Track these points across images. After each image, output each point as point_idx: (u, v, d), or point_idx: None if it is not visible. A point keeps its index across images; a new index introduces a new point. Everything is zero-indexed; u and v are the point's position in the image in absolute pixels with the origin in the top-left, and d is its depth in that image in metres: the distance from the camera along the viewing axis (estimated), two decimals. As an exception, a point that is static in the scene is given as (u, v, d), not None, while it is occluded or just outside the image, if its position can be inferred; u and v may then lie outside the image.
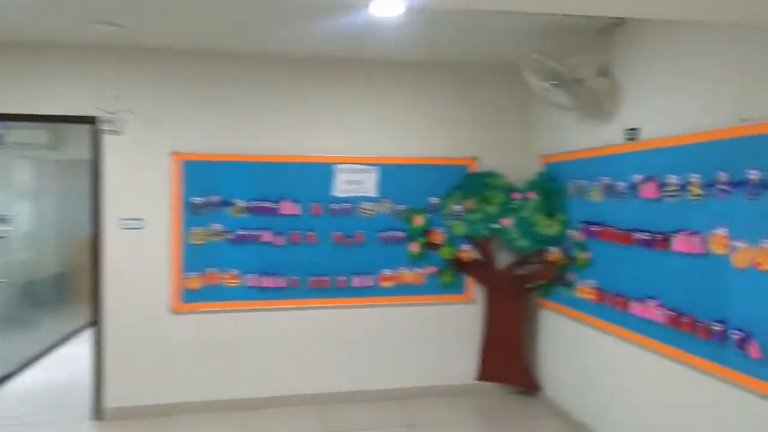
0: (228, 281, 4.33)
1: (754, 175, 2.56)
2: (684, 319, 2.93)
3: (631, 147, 3.44)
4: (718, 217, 2.75)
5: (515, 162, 4.81)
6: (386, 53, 4.36)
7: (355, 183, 4.49)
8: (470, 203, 4.62)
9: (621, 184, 3.51)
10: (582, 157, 3.97)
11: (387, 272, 4.58)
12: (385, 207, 4.56)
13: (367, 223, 4.53)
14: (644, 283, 3.29)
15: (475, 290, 4.77)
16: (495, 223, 4.57)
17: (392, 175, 4.57)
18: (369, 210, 4.54)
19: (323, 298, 4.48)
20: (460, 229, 4.63)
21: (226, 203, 4.31)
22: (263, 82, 4.38)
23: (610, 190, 3.63)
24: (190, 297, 4.29)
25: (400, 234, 4.57)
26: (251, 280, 4.36)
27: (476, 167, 4.72)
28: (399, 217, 4.60)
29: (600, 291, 3.71)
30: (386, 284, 4.59)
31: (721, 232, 2.74)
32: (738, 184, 2.64)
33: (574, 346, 4.12)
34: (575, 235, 4.06)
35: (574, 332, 4.11)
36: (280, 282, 4.40)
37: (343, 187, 4.47)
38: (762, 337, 2.50)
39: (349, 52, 4.30)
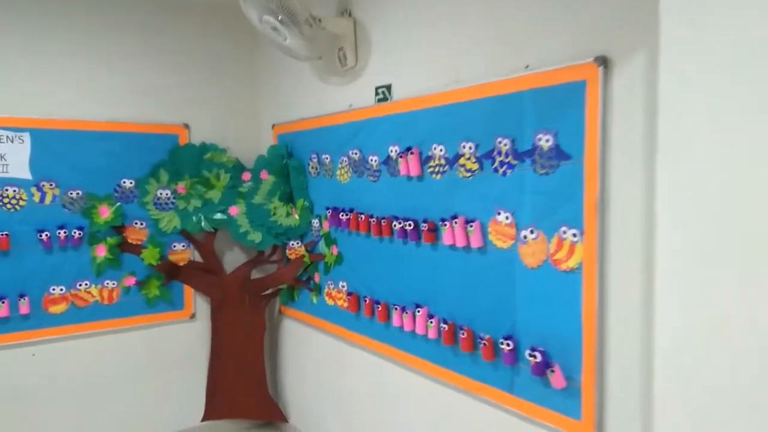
0: None
1: (546, 140, 1.88)
2: (462, 335, 2.20)
3: (383, 110, 2.61)
4: (499, 199, 2.05)
5: (243, 132, 3.71)
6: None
7: (-9, 158, 2.90)
8: (183, 186, 3.39)
9: (373, 159, 2.67)
10: (324, 126, 3.05)
11: (56, 291, 3.10)
12: (47, 194, 3.06)
13: (15, 220, 2.97)
14: (409, 287, 2.50)
15: (196, 303, 3.56)
16: (219, 212, 3.42)
17: (57, 147, 3.07)
18: (17, 199, 2.98)
19: (-61, 341, 2.81)
20: (170, 222, 3.37)
21: None
22: None
23: (360, 167, 2.77)
24: None
25: (75, 233, 3.11)
26: None
27: (188, 138, 3.49)
28: (71, 209, 3.13)
29: (354, 296, 2.85)
30: (56, 309, 3.10)
31: (503, 218, 2.03)
32: (525, 153, 1.95)
33: (325, 365, 3.23)
34: (321, 225, 3.14)
35: (324, 348, 3.21)
36: None
37: (-33, 164, 2.84)
38: (565, 360, 1.85)
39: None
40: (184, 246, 3.46)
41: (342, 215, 2.89)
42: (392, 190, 2.57)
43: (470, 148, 2.16)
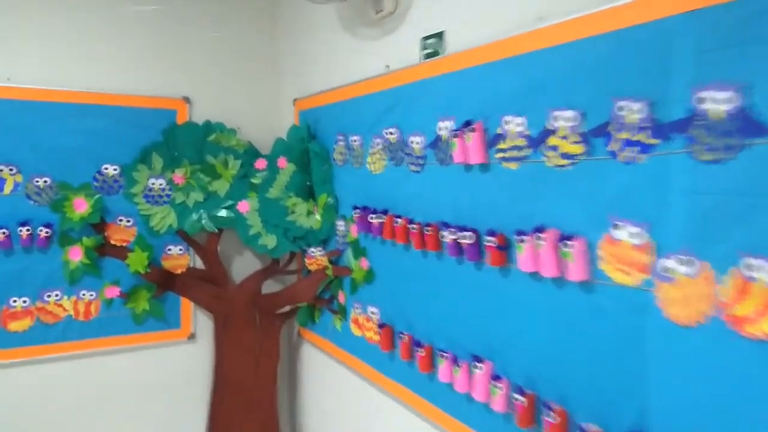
0: None
1: (720, 101, 1.05)
2: (551, 418, 1.39)
3: (431, 69, 1.82)
4: (621, 203, 1.23)
5: (257, 109, 3.00)
6: None
7: (-69, 134, 2.28)
8: (181, 175, 2.70)
9: (416, 140, 1.89)
10: (353, 97, 2.29)
11: (18, 303, 2.47)
12: (6, 181, 2.43)
13: (-36, 214, 2.36)
14: (464, 327, 1.72)
15: (196, 320, 2.88)
16: (225, 208, 2.72)
17: (18, 122, 2.43)
18: (-32, 188, 2.37)
19: None
20: (164, 219, 2.69)
21: None
22: None
23: (397, 152, 2.00)
24: None
25: (42, 232, 2.47)
26: None
27: (188, 115, 2.80)
28: (37, 201, 2.49)
29: (387, 330, 2.08)
30: (17, 325, 2.47)
31: (628, 235, 1.22)
32: (674, 126, 1.13)
33: (351, 410, 2.48)
34: (347, 229, 2.39)
35: (351, 388, 2.46)
36: None
37: None
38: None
39: None
40: (181, 250, 2.78)
41: (373, 218, 2.12)
42: (442, 185, 1.78)
43: (569, 119, 1.35)
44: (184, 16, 2.77)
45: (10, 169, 2.42)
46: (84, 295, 2.60)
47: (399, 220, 1.98)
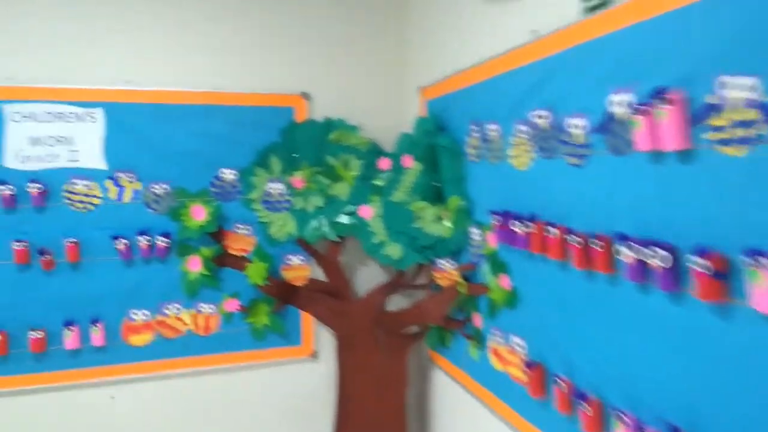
0: None
1: None
2: None
3: (596, 26, 1.35)
4: None
5: (381, 102, 2.68)
6: None
7: (55, 142, 2.24)
8: (300, 178, 2.46)
9: (576, 123, 1.42)
10: (490, 76, 1.87)
11: (139, 316, 2.37)
12: (125, 189, 2.34)
13: (86, 223, 2.29)
14: (657, 383, 1.22)
15: (318, 337, 2.64)
16: (347, 214, 2.44)
17: (137, 126, 2.33)
18: (89, 197, 2.30)
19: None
20: (283, 226, 2.46)
21: None
22: None
23: (549, 140, 1.54)
24: None
25: (161, 241, 2.36)
26: None
27: (307, 112, 2.55)
28: (156, 209, 2.38)
29: (538, 370, 1.63)
30: (138, 339, 2.38)
31: None
32: None
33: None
34: (484, 238, 1.97)
35: (488, 426, 2.03)
36: None
37: (26, 150, 2.21)
38: None
39: None
40: (301, 260, 2.54)
41: (517, 225, 1.68)
42: (616, 182, 1.30)
43: None
44: (300, 4, 2.53)
45: (129, 176, 2.33)
46: (203, 308, 2.46)
47: (552, 229, 1.52)
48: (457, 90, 2.13)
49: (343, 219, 2.44)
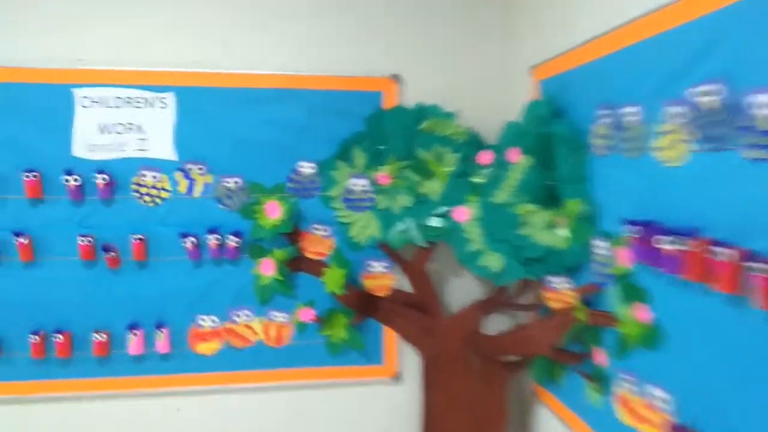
0: None
1: None
2: None
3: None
4: None
5: (482, 85, 2.29)
6: None
7: (124, 129, 2.07)
8: (387, 174, 2.13)
9: (765, 102, 0.98)
10: (627, 45, 1.43)
11: (207, 322, 2.16)
12: (196, 182, 2.13)
13: (154, 218, 2.10)
14: None
15: (403, 357, 2.30)
16: (438, 216, 2.08)
17: (210, 113, 2.11)
18: (157, 189, 2.11)
19: (61, 378, 2.09)
20: (365, 228, 2.15)
21: None
22: None
23: (718, 125, 1.10)
24: None
25: (232, 241, 2.12)
26: None
27: (397, 98, 2.22)
28: (227, 205, 2.16)
29: (685, 433, 1.20)
30: (206, 347, 2.17)
31: None
32: None
33: None
34: (613, 253, 1.54)
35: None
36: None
37: (94, 138, 2.05)
38: None
39: None
40: (385, 267, 2.22)
41: (665, 241, 1.24)
42: None
43: None
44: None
45: (200, 168, 2.12)
46: (275, 316, 2.20)
47: (721, 249, 1.08)
48: (579, 66, 1.71)
49: (434, 222, 2.09)
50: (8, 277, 2.02)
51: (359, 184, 2.16)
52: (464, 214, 2.04)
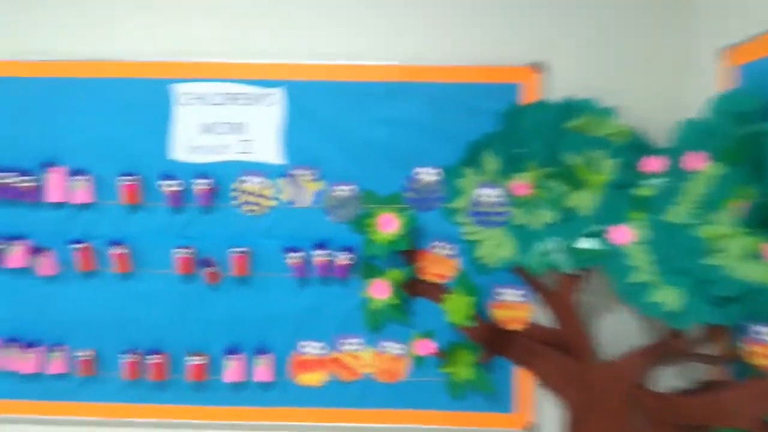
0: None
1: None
2: None
3: None
4: None
5: (649, 74, 1.84)
6: None
7: (227, 129, 1.85)
8: (524, 183, 1.75)
9: None
10: None
11: (311, 349, 1.89)
12: (304, 189, 1.87)
13: (257, 230, 1.87)
14: None
15: (539, 405, 1.90)
16: (591, 236, 1.66)
17: (320, 111, 1.84)
18: (261, 197, 1.87)
19: (154, 403, 1.91)
20: (497, 248, 1.78)
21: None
22: None
23: None
24: None
25: (342, 257, 1.84)
26: (-11, 354, 1.92)
27: (539, 91, 1.83)
28: (339, 216, 1.87)
29: None
30: (309, 378, 1.90)
31: None
32: None
33: None
34: None
35: None
36: (50, 361, 1.88)
37: (195, 139, 1.85)
38: None
39: None
40: (521, 296, 1.84)
41: None
42: None
43: None
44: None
45: (310, 174, 1.86)
46: (388, 347, 1.89)
47: None
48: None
49: (586, 243, 1.67)
50: (104, 289, 1.87)
51: (490, 194, 1.78)
52: (626, 234, 1.61)
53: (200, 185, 1.82)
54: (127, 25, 1.85)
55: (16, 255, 1.84)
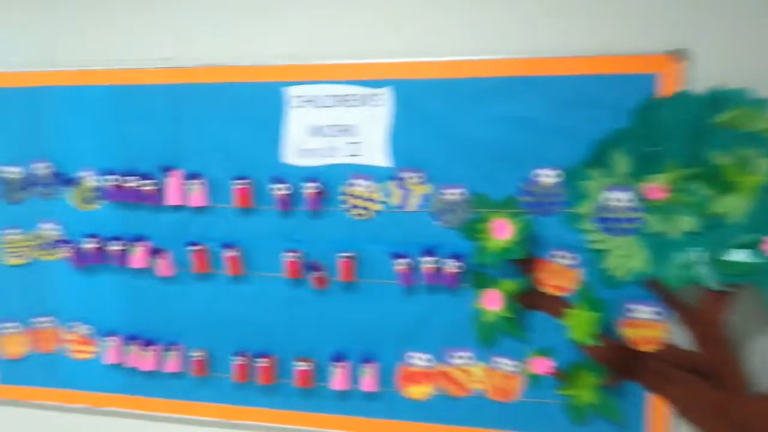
0: (76, 347, 2.07)
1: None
2: None
3: None
4: None
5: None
6: None
7: (337, 131, 1.81)
8: (661, 185, 1.54)
9: None
10: None
11: (418, 360, 1.80)
12: (411, 192, 1.78)
13: (364, 234, 1.81)
14: None
15: (674, 435, 1.67)
16: (744, 246, 1.43)
17: (429, 110, 1.75)
18: (368, 200, 1.81)
19: (262, 406, 1.90)
20: (627, 258, 1.59)
21: (66, 179, 2.02)
22: None
23: None
24: (7, 372, 2.16)
25: (450, 265, 1.73)
26: (112, 348, 2.01)
27: (680, 81, 1.61)
28: (448, 221, 1.77)
29: None
30: (417, 391, 1.81)
31: None
32: None
33: None
34: None
35: None
36: (166, 359, 1.95)
37: (305, 143, 1.83)
38: None
39: None
40: (655, 313, 1.62)
41: None
42: None
43: None
44: None
45: (418, 177, 1.77)
46: (501, 363, 1.75)
47: None
48: None
49: (737, 255, 1.44)
50: (217, 291, 1.90)
51: (620, 198, 1.59)
52: (791, 246, 1.36)
53: (309, 189, 1.80)
54: (243, 30, 1.88)
55: (139, 256, 1.92)
